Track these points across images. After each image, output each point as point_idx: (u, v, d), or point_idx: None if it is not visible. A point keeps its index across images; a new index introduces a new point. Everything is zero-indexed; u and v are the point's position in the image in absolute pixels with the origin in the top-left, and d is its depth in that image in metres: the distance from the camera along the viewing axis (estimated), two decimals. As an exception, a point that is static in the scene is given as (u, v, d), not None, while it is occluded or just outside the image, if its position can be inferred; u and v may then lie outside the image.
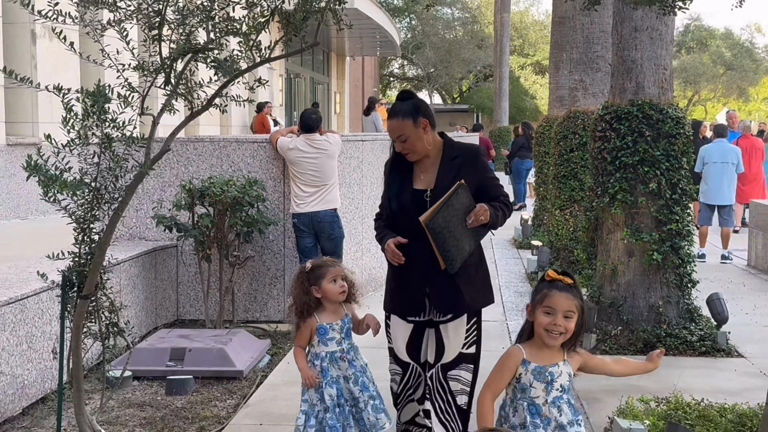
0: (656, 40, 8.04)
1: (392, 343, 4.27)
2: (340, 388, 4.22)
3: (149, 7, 4.85)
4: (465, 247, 3.95)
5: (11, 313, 5.87)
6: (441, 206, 3.84)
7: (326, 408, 4.19)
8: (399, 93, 4.19)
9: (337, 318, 4.28)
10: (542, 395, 3.18)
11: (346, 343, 4.30)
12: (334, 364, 4.20)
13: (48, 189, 4.74)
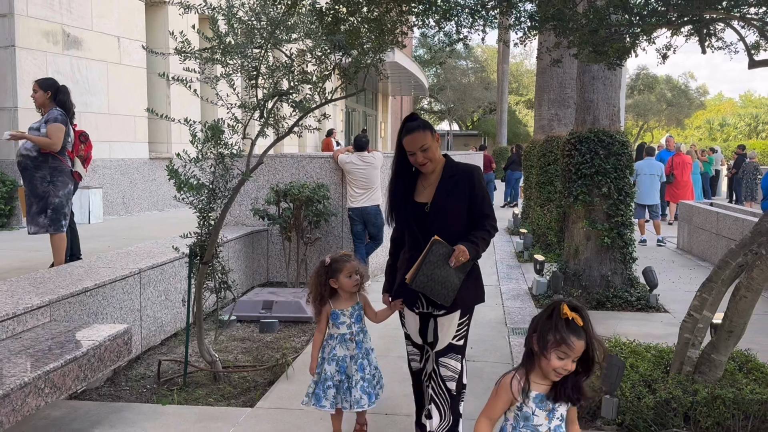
0: (608, 86, 8.08)
1: (406, 329, 3.81)
2: (345, 366, 3.84)
3: (249, 65, 5.02)
4: (454, 282, 3.44)
5: (154, 274, 6.04)
6: (420, 265, 3.36)
7: (322, 380, 3.86)
8: (408, 116, 3.71)
9: (349, 305, 3.86)
10: (545, 423, 2.56)
11: (355, 327, 3.88)
12: (343, 344, 3.83)
13: (179, 190, 4.95)
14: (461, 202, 3.59)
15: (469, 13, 4.40)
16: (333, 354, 3.83)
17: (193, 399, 4.89)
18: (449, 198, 3.58)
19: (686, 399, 4.42)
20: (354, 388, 3.79)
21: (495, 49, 47.91)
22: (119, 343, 4.57)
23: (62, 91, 6.35)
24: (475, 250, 3.46)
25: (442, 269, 3.36)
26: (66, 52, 10.87)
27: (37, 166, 6.18)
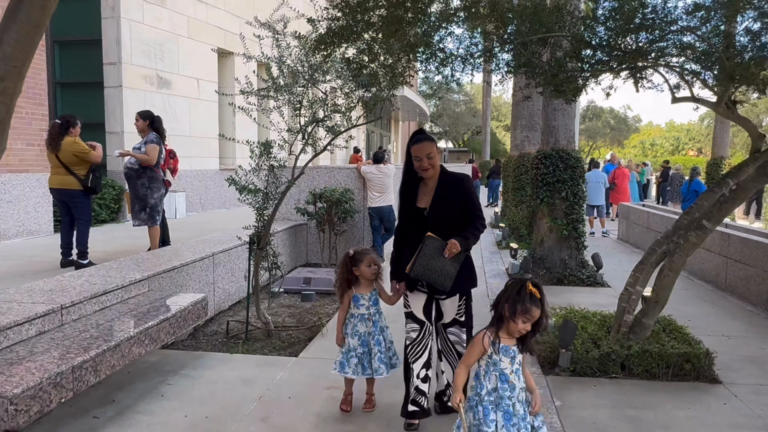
0: (566, 116, 8.02)
1: (411, 308, 3.51)
2: (365, 340, 3.62)
3: (294, 99, 5.04)
4: (450, 270, 3.23)
5: (223, 257, 6.05)
6: (416, 258, 3.20)
7: (346, 351, 3.63)
8: (418, 129, 3.53)
9: (367, 291, 3.63)
10: (509, 366, 2.66)
11: (373, 309, 3.65)
12: (362, 322, 3.62)
13: (240, 193, 4.99)
14: (454, 207, 3.40)
15: (461, 61, 4.40)
16: (355, 330, 3.63)
17: (253, 350, 4.91)
18: (444, 203, 3.39)
19: (622, 352, 4.42)
20: (374, 359, 3.60)
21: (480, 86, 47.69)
22: (198, 308, 4.61)
23: (157, 120, 6.41)
24: (465, 243, 3.28)
25: (437, 260, 3.20)
26: (159, 91, 10.94)
27: (139, 176, 6.24)
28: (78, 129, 5.96)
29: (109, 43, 10.03)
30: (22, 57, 1.73)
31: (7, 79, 1.74)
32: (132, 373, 4.29)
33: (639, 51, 4.55)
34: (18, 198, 7.87)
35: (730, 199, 4.22)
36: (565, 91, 4.47)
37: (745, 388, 4.19)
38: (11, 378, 2.89)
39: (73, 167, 5.84)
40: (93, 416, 3.60)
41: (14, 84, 1.76)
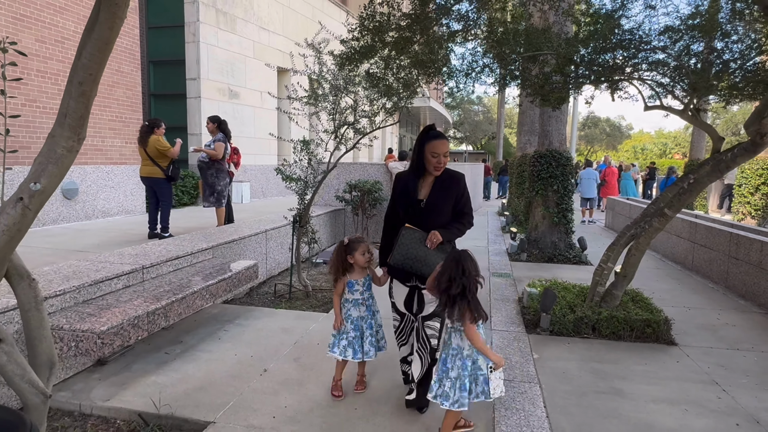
0: (559, 122, 7.86)
1: (394, 299, 3.10)
2: (357, 325, 3.16)
3: (330, 106, 5.10)
4: (433, 260, 2.78)
5: (274, 233, 6.13)
6: (394, 248, 2.84)
7: (344, 332, 3.13)
8: (430, 126, 3.04)
9: (361, 276, 3.16)
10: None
11: (366, 294, 3.18)
12: (356, 307, 3.15)
13: (284, 180, 5.08)
14: (449, 201, 2.97)
15: (463, 75, 4.37)
16: (348, 314, 3.16)
17: (294, 307, 5.02)
18: (441, 197, 2.95)
19: (594, 317, 4.36)
20: (364, 342, 3.17)
21: (496, 98, 46.91)
22: (250, 272, 4.75)
23: (223, 123, 6.56)
24: (448, 235, 2.88)
25: (418, 250, 2.81)
26: (230, 101, 11.17)
27: (208, 167, 6.41)
28: (162, 129, 6.15)
29: (190, 62, 10.27)
30: (96, 67, 1.83)
31: (85, 84, 1.85)
32: (197, 321, 4.47)
33: (615, 67, 4.44)
34: (118, 184, 8.20)
35: (687, 190, 4.09)
36: (550, 99, 4.39)
37: (697, 350, 4.09)
38: (100, 319, 3.07)
39: (157, 160, 6.05)
40: (164, 352, 3.77)
41: (90, 88, 1.86)
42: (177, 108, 10.46)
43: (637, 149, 57.76)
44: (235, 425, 2.79)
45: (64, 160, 1.91)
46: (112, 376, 3.35)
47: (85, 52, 1.81)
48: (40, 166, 1.89)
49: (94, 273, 3.68)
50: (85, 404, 3.00)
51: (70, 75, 1.86)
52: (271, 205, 10.71)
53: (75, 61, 1.84)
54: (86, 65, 1.82)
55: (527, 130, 12.21)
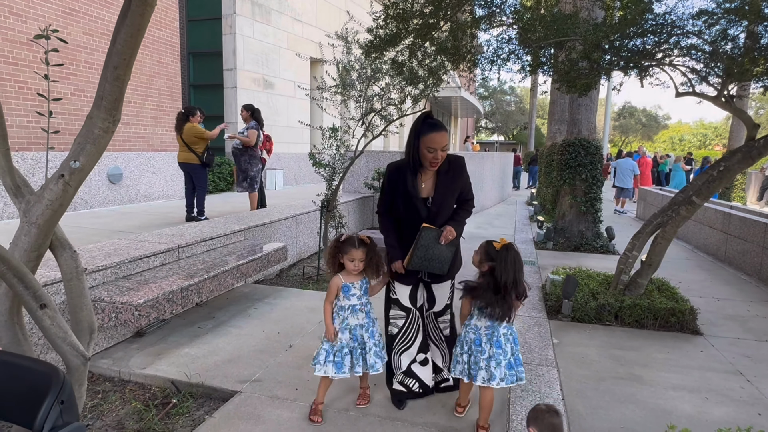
0: (588, 110, 7.66)
1: (396, 295, 2.79)
2: (356, 334, 2.66)
3: (357, 95, 5.13)
4: (447, 255, 2.62)
5: (304, 218, 6.17)
6: (413, 251, 2.58)
7: (339, 348, 2.64)
8: (427, 113, 2.61)
9: (358, 279, 2.68)
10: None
11: (364, 299, 2.71)
12: (354, 314, 2.66)
13: (314, 166, 5.15)
14: (456, 193, 2.70)
15: (488, 62, 4.31)
16: (346, 324, 2.67)
17: (321, 288, 5.08)
18: (447, 193, 2.66)
19: (616, 305, 4.28)
20: (368, 354, 2.69)
21: (528, 88, 45.93)
22: (279, 253, 4.85)
23: (257, 111, 6.68)
24: (460, 227, 2.69)
25: (434, 248, 2.60)
26: (265, 91, 11.34)
27: (242, 154, 6.56)
28: (197, 117, 6.32)
29: (227, 53, 10.47)
30: (129, 52, 1.91)
31: (120, 69, 1.93)
32: (229, 299, 4.61)
33: (645, 52, 4.28)
34: (159, 170, 8.49)
35: (717, 178, 3.94)
36: (576, 86, 4.29)
37: (723, 341, 3.97)
38: (137, 293, 3.22)
39: (193, 146, 6.23)
40: (198, 327, 3.93)
41: (124, 72, 1.94)
42: (215, 98, 10.70)
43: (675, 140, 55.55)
44: (260, 395, 2.89)
45: (100, 140, 2.01)
46: (149, 346, 3.52)
47: (119, 39, 1.90)
48: (79, 146, 2.00)
49: (133, 251, 3.85)
50: (125, 371, 3.17)
51: (106, 60, 1.94)
52: (304, 191, 10.86)
53: (110, 47, 1.93)
54: (120, 51, 1.90)
55: (557, 119, 11.93)
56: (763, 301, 5.08)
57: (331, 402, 2.85)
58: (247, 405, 2.79)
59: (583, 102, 7.39)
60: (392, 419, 2.70)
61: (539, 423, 2.06)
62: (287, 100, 12.12)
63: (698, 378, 3.28)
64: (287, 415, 2.70)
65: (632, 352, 3.67)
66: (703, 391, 3.10)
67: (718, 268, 6.53)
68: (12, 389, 1.34)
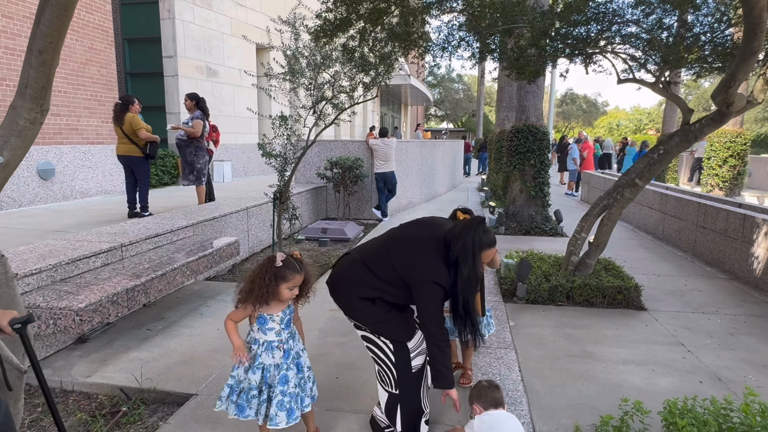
0: (536, 97, 7.85)
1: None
2: (267, 375, 2.13)
3: (307, 82, 4.99)
4: None
5: (255, 210, 6.03)
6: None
7: (246, 389, 2.12)
8: (481, 219, 2.21)
9: (280, 309, 2.16)
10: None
11: (285, 333, 2.17)
12: (269, 352, 2.13)
13: (264, 156, 4.99)
14: None
15: (439, 48, 4.30)
16: (259, 363, 2.13)
17: (276, 282, 5.02)
18: None
19: (568, 285, 4.43)
20: (272, 402, 2.12)
21: (476, 76, 46.70)
22: (231, 248, 4.68)
23: (202, 100, 6.38)
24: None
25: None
26: (209, 79, 10.88)
27: (187, 146, 6.26)
28: (137, 106, 5.96)
29: (166, 40, 9.93)
30: (56, 35, 1.74)
31: (46, 53, 1.76)
32: (179, 298, 4.41)
33: (589, 40, 4.41)
34: (96, 164, 7.98)
35: (657, 161, 4.14)
36: (526, 73, 4.36)
37: (665, 315, 4.20)
38: (78, 296, 3.00)
39: (134, 138, 5.88)
40: (146, 329, 3.73)
41: (51, 57, 1.77)
42: (154, 86, 10.15)
43: (612, 125, 58.36)
44: (217, 396, 2.78)
45: (27, 132, 1.83)
46: (93, 353, 3.30)
47: (44, 19, 1.72)
48: (2, 139, 1.81)
49: (71, 251, 3.59)
50: (66, 381, 2.96)
51: (30, 43, 1.76)
52: (253, 183, 10.56)
53: (33, 28, 1.75)
54: (45, 33, 1.73)
55: (506, 106, 12.18)
56: (698, 275, 5.42)
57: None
58: (204, 408, 2.67)
59: (531, 89, 7.57)
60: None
61: (482, 399, 2.13)
62: (233, 89, 11.70)
63: (645, 351, 3.45)
64: (247, 416, 2.61)
65: (584, 330, 3.81)
66: (649, 363, 3.27)
67: (656, 246, 6.92)
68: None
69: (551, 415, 2.64)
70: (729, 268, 5.46)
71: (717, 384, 3.01)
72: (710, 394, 2.77)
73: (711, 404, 2.20)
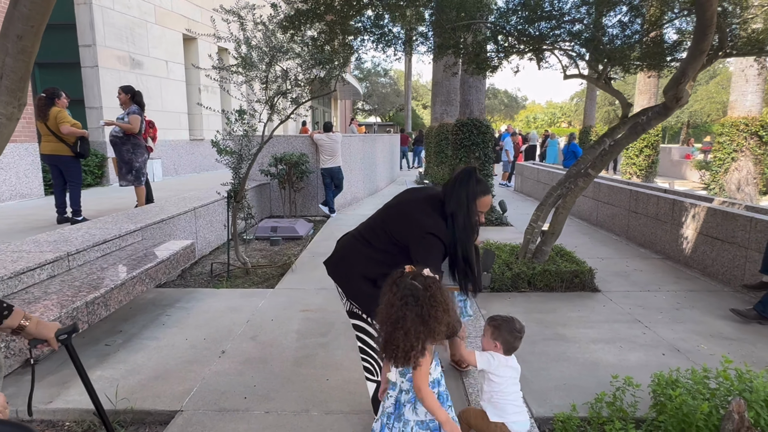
0: (479, 92, 8.09)
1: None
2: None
3: (262, 74, 4.79)
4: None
5: (203, 210, 5.79)
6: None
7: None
8: (475, 172, 2.25)
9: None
10: None
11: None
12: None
13: (219, 153, 4.75)
14: None
15: (401, 43, 4.30)
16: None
17: (235, 285, 4.78)
18: None
19: (529, 272, 4.63)
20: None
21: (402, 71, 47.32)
22: (188, 251, 4.42)
23: (138, 94, 5.93)
24: None
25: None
26: (132, 71, 10.10)
27: (123, 143, 5.78)
28: (64, 100, 5.42)
29: (83, 27, 9.08)
30: (39, 18, 1.53)
31: (26, 39, 1.54)
32: (133, 308, 4.09)
33: (541, 37, 4.61)
34: (9, 165, 7.16)
35: (609, 152, 4.43)
36: (484, 68, 4.48)
37: (618, 294, 4.53)
38: (32, 314, 2.68)
39: (60, 134, 5.33)
40: (105, 344, 3.42)
41: (32, 43, 1.55)
42: (70, 78, 9.25)
43: (530, 118, 61.80)
44: (205, 410, 2.61)
45: (3, 129, 1.59)
46: (49, 375, 2.97)
47: (25, 0, 1.50)
48: (-26, 138, 1.56)
49: (11, 264, 3.20)
50: (23, 408, 2.63)
51: (4, 28, 1.53)
52: (187, 182, 10.00)
53: (9, 10, 1.52)
54: (26, 15, 1.51)
55: (443, 100, 12.44)
56: (636, 256, 5.90)
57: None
58: (195, 424, 2.50)
59: (474, 84, 7.79)
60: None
61: (506, 342, 2.08)
62: (159, 82, 10.96)
63: (609, 330, 3.70)
64: (244, 428, 2.47)
65: (551, 314, 4.01)
66: (616, 341, 3.51)
67: (593, 231, 7.43)
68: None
69: (543, 398, 2.75)
70: (661, 248, 5.99)
71: (677, 355, 3.29)
72: (674, 365, 3.03)
73: (692, 374, 2.40)
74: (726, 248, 4.88)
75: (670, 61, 4.73)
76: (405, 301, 1.63)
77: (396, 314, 1.63)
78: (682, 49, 4.85)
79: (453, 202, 2.18)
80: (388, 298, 1.67)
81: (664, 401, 2.30)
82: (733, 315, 3.92)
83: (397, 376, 1.75)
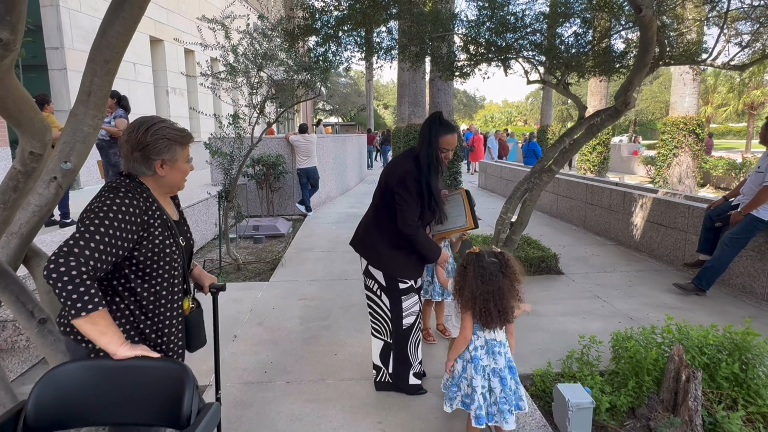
0: (447, 94, 8.60)
1: (409, 282, 2.67)
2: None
3: (251, 80, 5.07)
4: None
5: (189, 211, 5.98)
6: (472, 212, 3.09)
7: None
8: (438, 113, 2.60)
9: None
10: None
11: None
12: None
13: (212, 156, 5.01)
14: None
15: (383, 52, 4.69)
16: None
17: (230, 280, 5.02)
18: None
19: (501, 259, 5.15)
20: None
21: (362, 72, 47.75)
22: (187, 249, 4.66)
23: (123, 98, 6.06)
24: None
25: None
26: (99, 73, 10.04)
27: (110, 146, 5.91)
28: (52, 106, 5.52)
29: (50, 29, 9.01)
30: (123, 45, 1.85)
31: (111, 62, 1.86)
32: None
33: (507, 47, 5.13)
34: (-18, 170, 7.11)
35: (569, 150, 4.99)
36: (458, 75, 4.95)
37: (579, 276, 5.11)
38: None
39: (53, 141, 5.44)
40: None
41: (116, 66, 1.87)
42: (37, 81, 9.15)
43: (488, 118, 63.56)
44: (232, 383, 2.94)
45: (89, 138, 1.91)
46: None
47: (112, 31, 1.83)
48: (67, 145, 1.87)
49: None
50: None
51: (92, 54, 1.85)
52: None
53: (98, 39, 1.84)
54: (113, 44, 1.83)
55: (410, 102, 12.84)
56: (593, 243, 6.55)
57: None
58: (225, 396, 2.83)
59: (443, 87, 8.30)
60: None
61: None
62: (128, 84, 10.93)
63: (573, 305, 4.25)
64: (270, 395, 2.82)
65: (524, 294, 4.52)
66: (580, 313, 4.06)
67: (554, 222, 8.08)
68: (151, 393, 1.38)
69: (524, 360, 3.24)
70: (614, 236, 6.67)
71: (631, 322, 3.86)
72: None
73: (642, 331, 2.94)
74: (669, 233, 5.57)
75: (619, 67, 5.35)
76: (495, 275, 2.10)
77: (488, 288, 2.08)
78: (629, 57, 5.50)
79: (420, 141, 2.55)
80: (472, 275, 2.10)
81: (621, 353, 2.83)
82: (675, 289, 4.56)
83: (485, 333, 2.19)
